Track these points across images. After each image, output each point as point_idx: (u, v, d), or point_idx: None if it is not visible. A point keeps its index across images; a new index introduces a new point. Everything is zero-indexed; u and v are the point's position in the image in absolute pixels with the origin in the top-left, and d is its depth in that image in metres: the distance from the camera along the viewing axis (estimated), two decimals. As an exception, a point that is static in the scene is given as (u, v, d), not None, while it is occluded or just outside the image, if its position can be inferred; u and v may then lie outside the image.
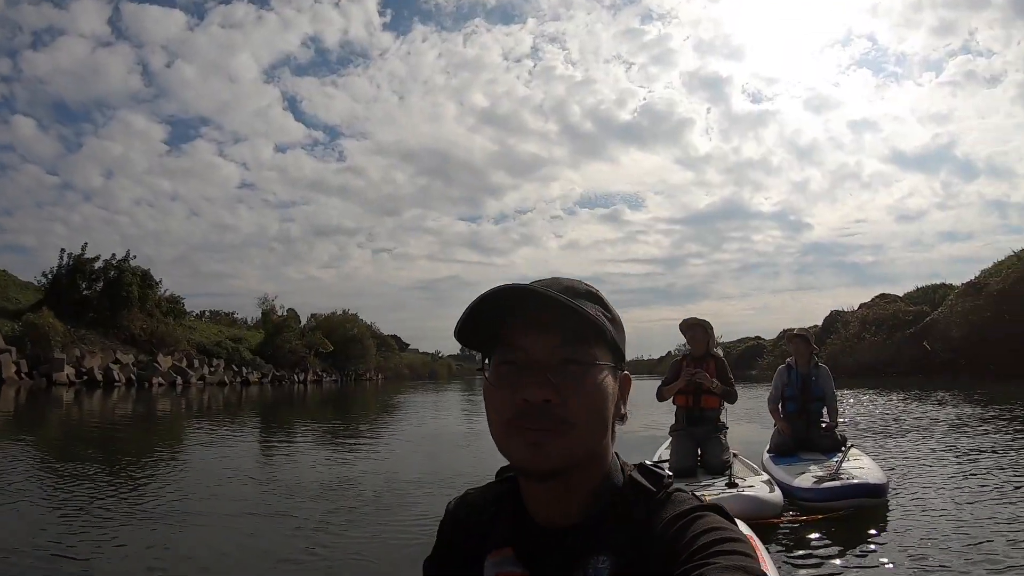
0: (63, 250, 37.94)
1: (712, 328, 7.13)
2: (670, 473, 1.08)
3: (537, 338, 0.99)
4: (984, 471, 7.58)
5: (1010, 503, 6.07)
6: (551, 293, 0.96)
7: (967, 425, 12.09)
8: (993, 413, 13.94)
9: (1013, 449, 9.15)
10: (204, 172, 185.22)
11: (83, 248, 38.05)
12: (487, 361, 1.04)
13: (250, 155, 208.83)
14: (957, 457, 8.62)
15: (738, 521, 3.64)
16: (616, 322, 1.06)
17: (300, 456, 11.44)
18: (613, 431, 1.08)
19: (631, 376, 1.11)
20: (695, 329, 7.06)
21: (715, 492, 5.58)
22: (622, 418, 1.08)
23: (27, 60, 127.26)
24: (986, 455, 8.66)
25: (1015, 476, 7.26)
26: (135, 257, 39.52)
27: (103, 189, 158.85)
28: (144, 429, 15.98)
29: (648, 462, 1.11)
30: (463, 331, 1.03)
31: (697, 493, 4.06)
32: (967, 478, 7.26)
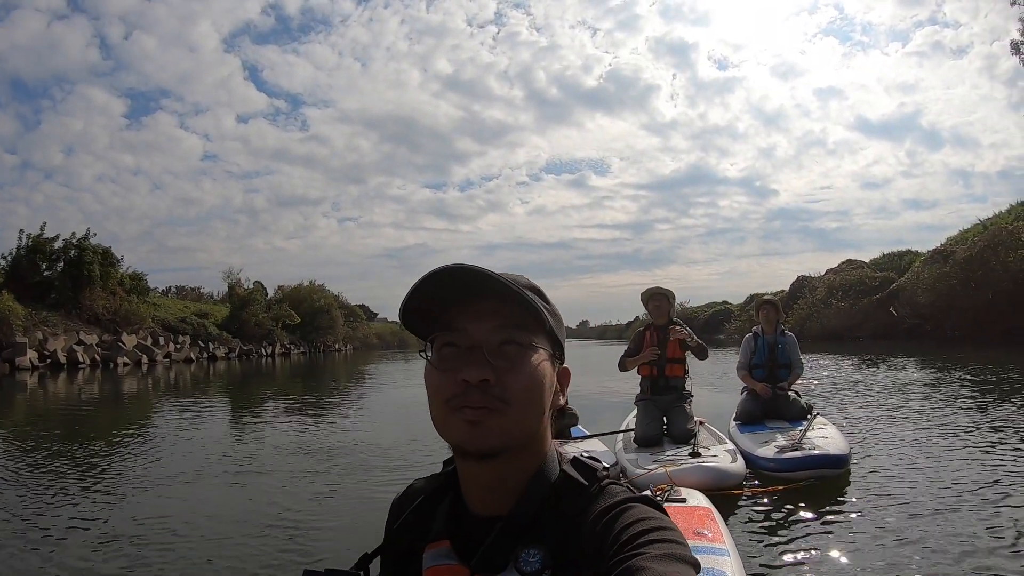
0: (21, 231, 37.00)
1: (674, 297, 7.07)
2: (607, 466, 1.09)
3: (479, 321, 1.02)
4: (945, 438, 7.65)
5: (969, 470, 6.12)
6: (494, 274, 0.99)
7: (930, 391, 12.20)
8: (955, 379, 14.10)
9: (972, 414, 9.27)
10: (166, 145, 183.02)
11: (42, 228, 37.15)
12: (430, 344, 1.06)
13: (212, 126, 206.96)
14: (919, 424, 8.68)
15: (697, 492, 3.63)
16: (555, 315, 1.08)
17: (273, 429, 11.57)
18: (554, 424, 1.10)
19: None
20: (658, 298, 7.02)
21: (678, 462, 5.58)
22: (562, 411, 1.11)
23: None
24: (948, 422, 8.74)
25: (973, 442, 7.33)
26: (95, 235, 38.60)
27: (64, 166, 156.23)
28: (113, 409, 15.93)
29: (585, 454, 1.13)
30: (407, 312, 1.05)
31: (661, 463, 4.03)
32: (928, 446, 7.32)
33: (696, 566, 0.87)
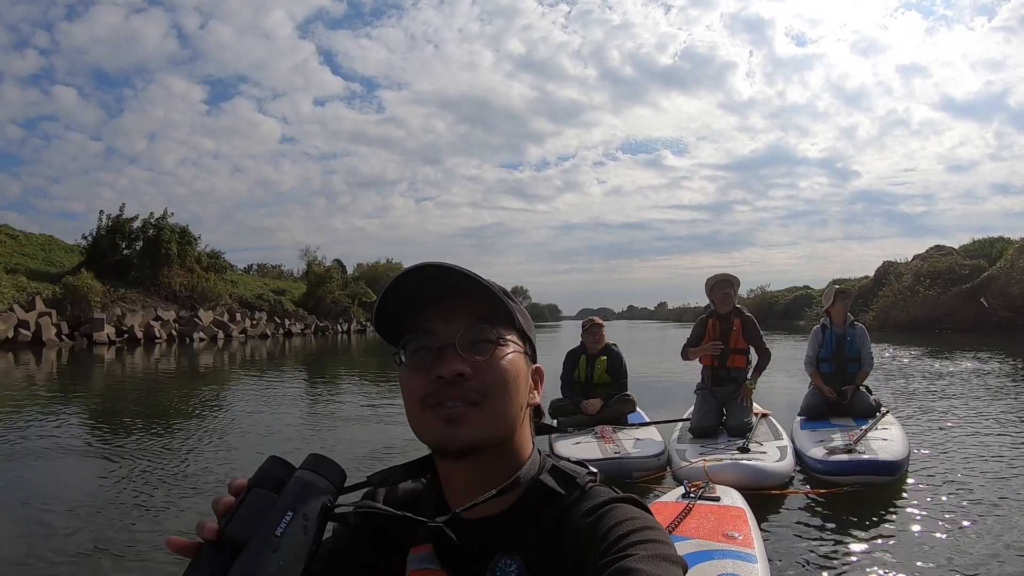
0: (101, 211, 38.86)
1: (739, 283, 6.71)
2: (592, 471, 1.06)
3: (449, 321, 1.01)
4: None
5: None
6: (462, 269, 0.98)
7: (1017, 393, 11.07)
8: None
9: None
10: (245, 129, 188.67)
11: (121, 208, 38.95)
12: (403, 349, 1.03)
13: (290, 110, 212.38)
14: (998, 430, 7.75)
15: (733, 491, 3.24)
16: (524, 314, 1.07)
17: (347, 400, 12.09)
18: (532, 426, 1.09)
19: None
20: (723, 286, 6.72)
21: (721, 457, 5.46)
22: (537, 411, 1.10)
23: (63, 32, 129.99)
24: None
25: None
26: (172, 214, 40.28)
27: (147, 152, 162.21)
28: (188, 382, 16.40)
29: (572, 459, 1.10)
30: (380, 319, 1.04)
31: (707, 456, 3.63)
32: (1002, 456, 6.45)
33: (684, 567, 0.86)
